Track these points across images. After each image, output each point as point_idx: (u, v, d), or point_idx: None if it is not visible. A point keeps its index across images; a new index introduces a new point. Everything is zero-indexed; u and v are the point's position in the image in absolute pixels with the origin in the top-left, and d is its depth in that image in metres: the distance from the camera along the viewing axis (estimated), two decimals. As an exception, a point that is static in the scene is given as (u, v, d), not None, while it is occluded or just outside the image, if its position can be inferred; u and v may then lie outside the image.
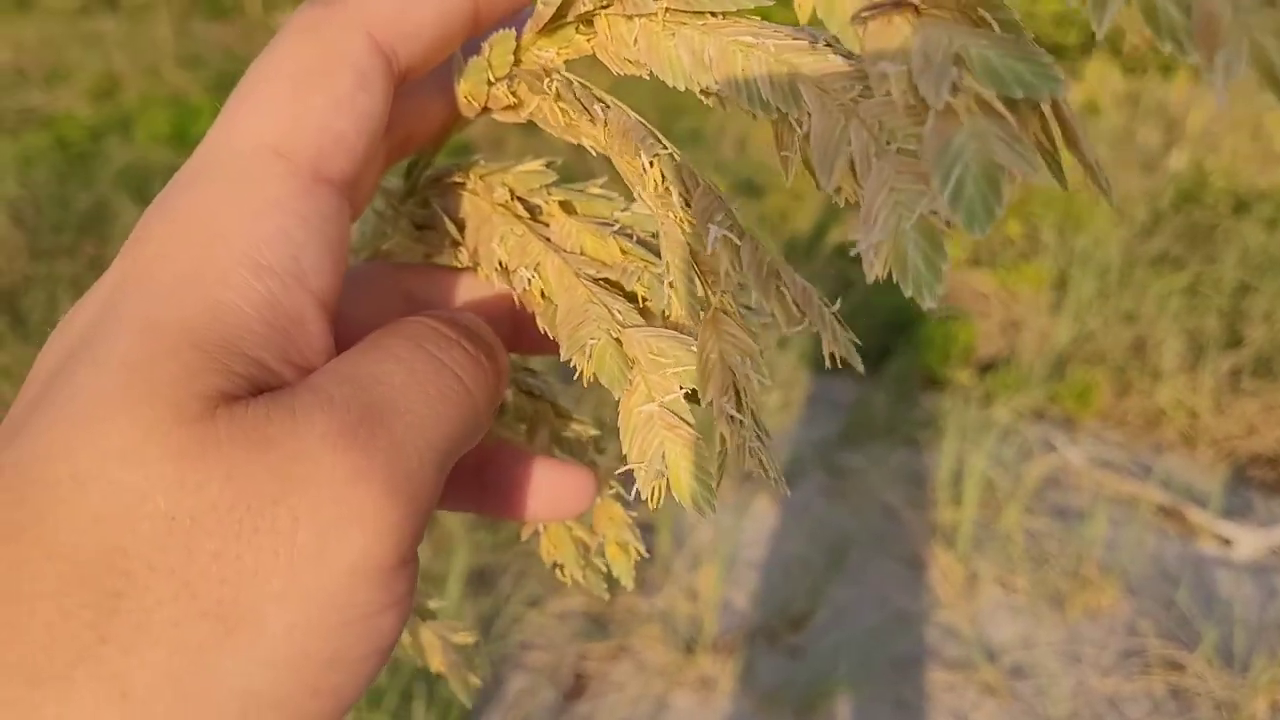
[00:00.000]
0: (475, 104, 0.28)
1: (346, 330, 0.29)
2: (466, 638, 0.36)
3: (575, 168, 0.29)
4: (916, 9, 0.18)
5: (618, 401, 0.26)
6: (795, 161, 0.24)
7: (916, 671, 1.77)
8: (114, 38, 4.76)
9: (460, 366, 0.24)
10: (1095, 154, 0.19)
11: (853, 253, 0.21)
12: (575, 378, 0.27)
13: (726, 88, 0.23)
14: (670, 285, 0.25)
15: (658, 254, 0.27)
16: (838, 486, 2.18)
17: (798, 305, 0.25)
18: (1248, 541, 2.04)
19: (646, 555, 0.34)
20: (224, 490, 0.19)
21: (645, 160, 0.25)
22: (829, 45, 0.23)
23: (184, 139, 3.55)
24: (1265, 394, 2.45)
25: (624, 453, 0.25)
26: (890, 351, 2.56)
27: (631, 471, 0.26)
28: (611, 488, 0.33)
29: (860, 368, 0.26)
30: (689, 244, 0.25)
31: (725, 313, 0.25)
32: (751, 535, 1.99)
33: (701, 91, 0.24)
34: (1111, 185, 0.19)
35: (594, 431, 0.33)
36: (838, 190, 0.21)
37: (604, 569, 0.34)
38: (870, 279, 0.19)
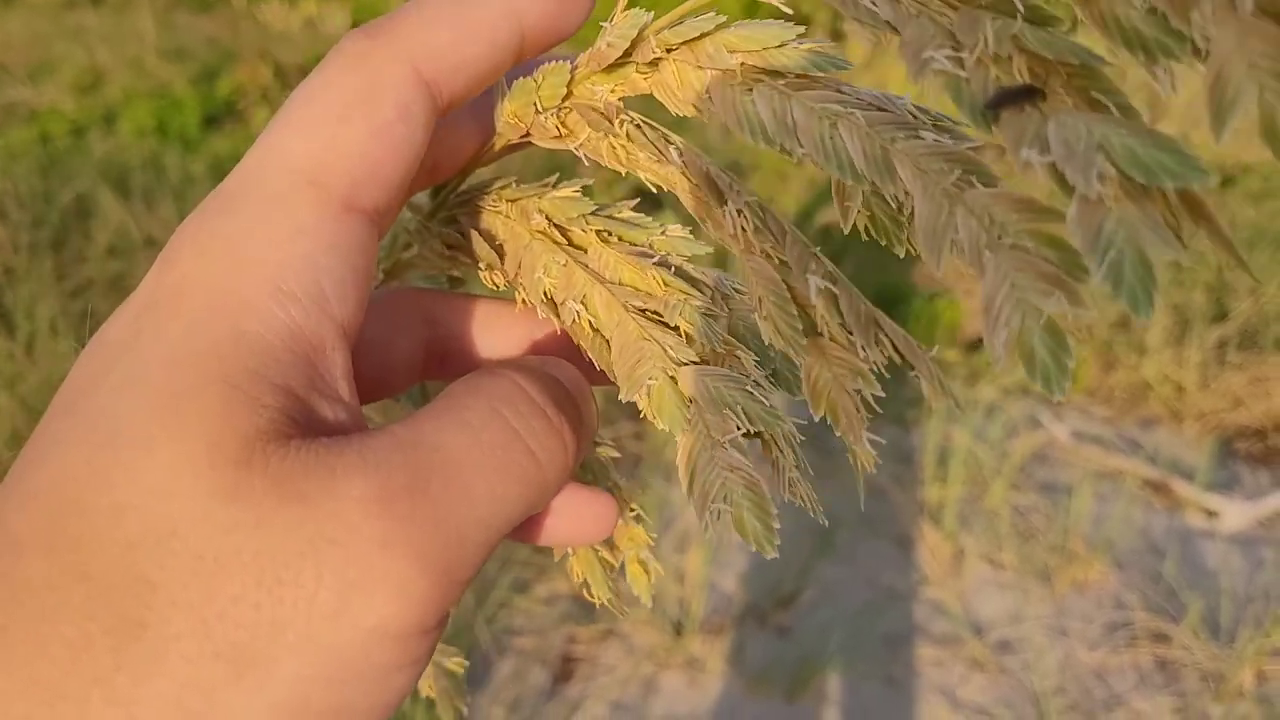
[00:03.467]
0: (520, 125, 0.28)
1: (366, 352, 0.30)
2: (458, 664, 0.36)
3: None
4: (1045, 95, 0.19)
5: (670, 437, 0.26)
6: (855, 212, 0.24)
7: (905, 648, 1.78)
8: (97, 31, 4.73)
9: (536, 439, 0.24)
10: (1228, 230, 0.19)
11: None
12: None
13: (814, 154, 0.23)
14: (764, 318, 0.25)
15: (696, 284, 0.28)
16: (825, 466, 2.18)
17: (899, 351, 0.25)
18: (1234, 514, 2.04)
19: (660, 573, 0.35)
20: (250, 537, 0.19)
21: (733, 209, 0.25)
22: (911, 115, 0.23)
23: (168, 132, 3.53)
24: (1251, 367, 2.46)
25: (684, 491, 0.26)
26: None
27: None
28: (633, 510, 0.33)
29: (959, 407, 0.27)
30: (783, 279, 0.25)
31: (832, 338, 0.26)
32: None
33: (780, 149, 0.24)
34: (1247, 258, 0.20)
35: (615, 454, 0.33)
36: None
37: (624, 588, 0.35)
38: (998, 369, 0.20)
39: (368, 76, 0.23)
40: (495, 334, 0.31)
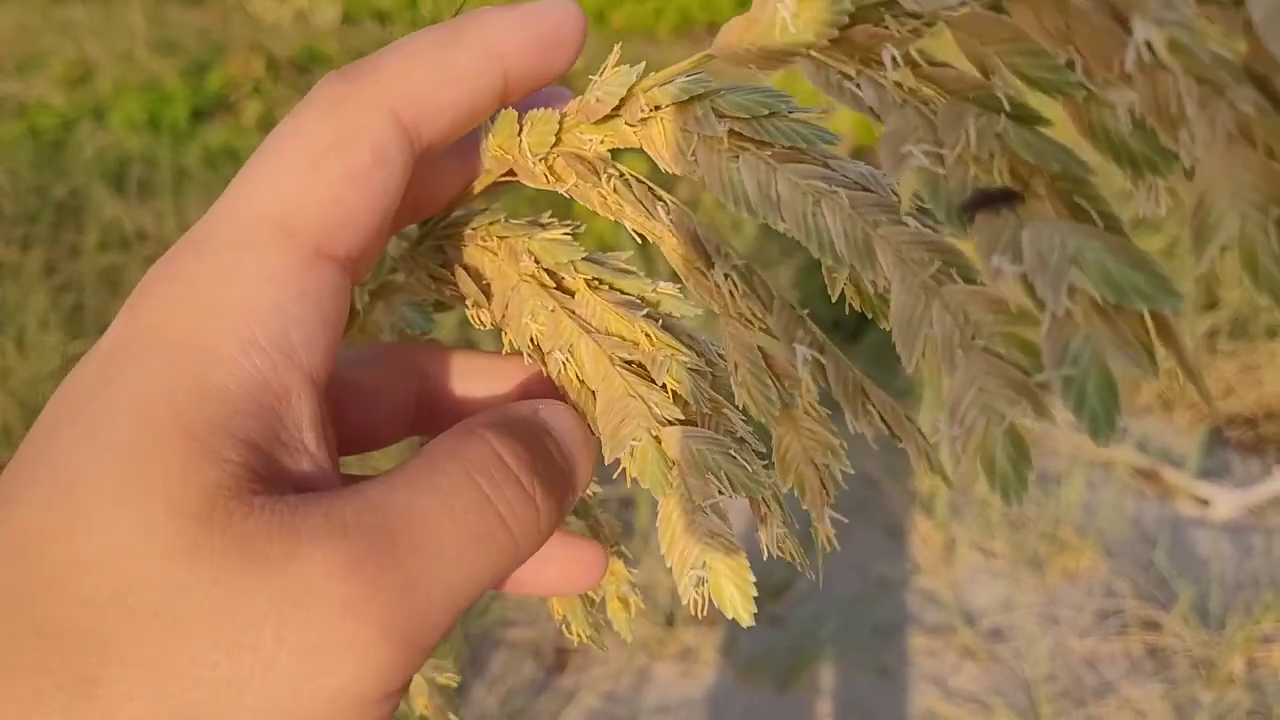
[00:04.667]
0: (505, 159, 0.27)
1: (356, 400, 0.29)
2: (451, 679, 0.36)
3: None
4: (1023, 199, 0.18)
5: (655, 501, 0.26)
6: (842, 283, 0.24)
7: (897, 637, 1.78)
8: (86, 24, 4.71)
9: (508, 506, 0.23)
10: (1195, 358, 0.19)
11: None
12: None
13: (795, 230, 0.23)
14: (739, 385, 0.25)
15: (684, 340, 0.27)
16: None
17: (886, 423, 0.25)
18: (1225, 501, 2.05)
19: (641, 608, 0.34)
20: (209, 596, 0.19)
21: (719, 273, 0.25)
22: (897, 196, 0.22)
23: (158, 125, 3.52)
24: (1242, 355, 2.46)
25: (663, 554, 0.26)
26: (869, 322, 2.56)
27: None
28: (614, 546, 0.33)
29: (948, 482, 0.27)
30: (759, 347, 0.25)
31: (804, 410, 0.26)
32: (730, 506, 1.99)
33: (763, 220, 0.23)
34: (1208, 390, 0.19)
35: (597, 489, 0.33)
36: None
37: (604, 624, 0.34)
38: (952, 474, 0.20)
39: (343, 122, 0.23)
40: (487, 388, 0.31)
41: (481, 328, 0.30)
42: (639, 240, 0.28)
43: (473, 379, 0.31)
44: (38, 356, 2.07)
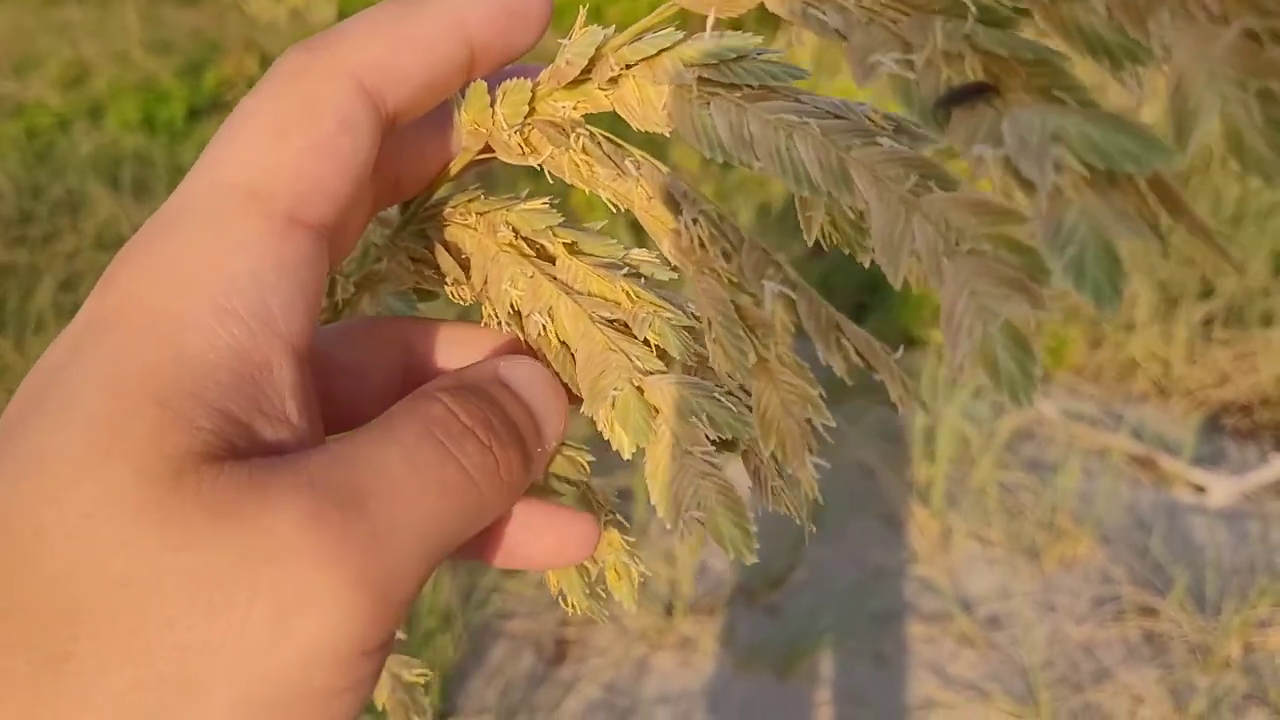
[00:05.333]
0: (481, 133, 0.27)
1: (344, 378, 0.29)
2: (419, 676, 0.35)
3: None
4: (999, 92, 0.18)
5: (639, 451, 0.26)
6: (819, 221, 0.24)
7: (895, 625, 1.79)
8: (82, 25, 4.71)
9: (469, 458, 0.23)
10: (1203, 218, 0.18)
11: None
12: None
13: (770, 166, 0.22)
14: (714, 341, 0.25)
15: (666, 297, 0.27)
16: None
17: (861, 355, 0.25)
18: (1221, 488, 2.06)
19: (647, 573, 0.34)
20: (179, 559, 0.19)
21: (688, 218, 0.25)
22: (870, 121, 0.22)
23: (154, 124, 3.52)
24: (1237, 343, 2.47)
25: (652, 502, 0.25)
26: (866, 311, 2.56)
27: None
28: (610, 514, 0.33)
29: (925, 409, 0.27)
30: (730, 299, 0.25)
31: (781, 361, 0.25)
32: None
33: (739, 163, 0.23)
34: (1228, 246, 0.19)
35: (589, 457, 0.32)
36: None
37: (604, 595, 0.34)
38: (962, 381, 0.19)
39: (306, 90, 0.23)
40: (473, 359, 0.30)
41: (461, 303, 0.30)
42: (615, 210, 0.28)
43: (458, 350, 0.31)
44: (36, 355, 2.07)
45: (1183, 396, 2.38)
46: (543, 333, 0.28)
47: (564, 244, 0.28)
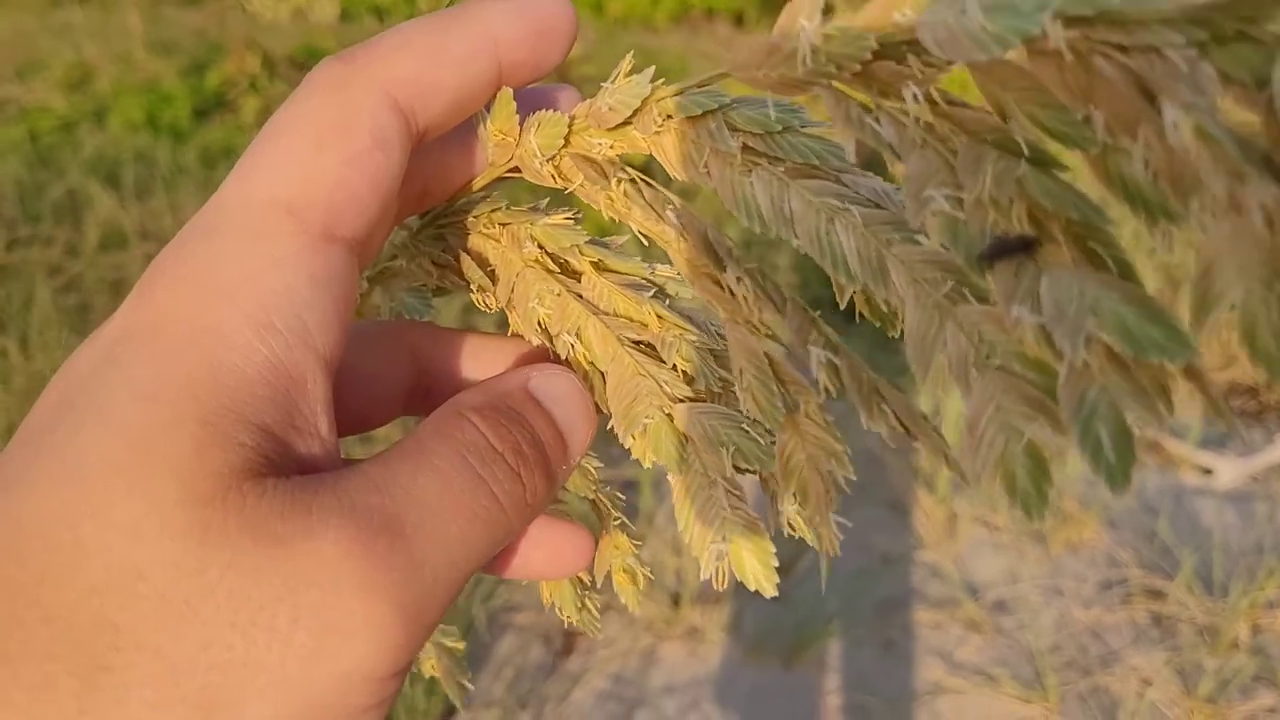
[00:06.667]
0: (507, 142, 0.27)
1: (349, 385, 0.29)
2: (458, 643, 0.36)
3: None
4: (1040, 243, 0.18)
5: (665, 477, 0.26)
6: (851, 293, 0.24)
7: (902, 612, 1.79)
8: (84, 27, 4.72)
9: (500, 485, 0.24)
10: (1219, 391, 0.19)
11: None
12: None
13: (809, 247, 0.23)
14: (744, 389, 0.25)
15: (690, 319, 0.27)
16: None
17: (902, 423, 0.25)
18: (1228, 470, 2.05)
19: (652, 577, 0.34)
20: (223, 578, 0.19)
21: (733, 276, 0.25)
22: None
23: (158, 125, 3.53)
24: (1243, 324, 2.46)
25: (680, 531, 0.26)
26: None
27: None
28: (616, 518, 0.33)
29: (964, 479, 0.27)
30: (765, 353, 0.25)
31: (807, 415, 0.25)
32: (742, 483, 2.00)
33: (777, 236, 0.23)
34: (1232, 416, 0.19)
35: (598, 463, 0.32)
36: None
37: (596, 611, 0.34)
38: (975, 487, 0.20)
39: (343, 104, 0.23)
40: (480, 369, 0.31)
41: (488, 311, 0.30)
42: (644, 243, 0.28)
43: (465, 359, 0.31)
44: (41, 356, 2.09)
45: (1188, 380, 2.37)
46: (571, 351, 0.28)
47: (590, 262, 0.28)
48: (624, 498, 0.33)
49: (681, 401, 0.26)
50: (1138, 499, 2.03)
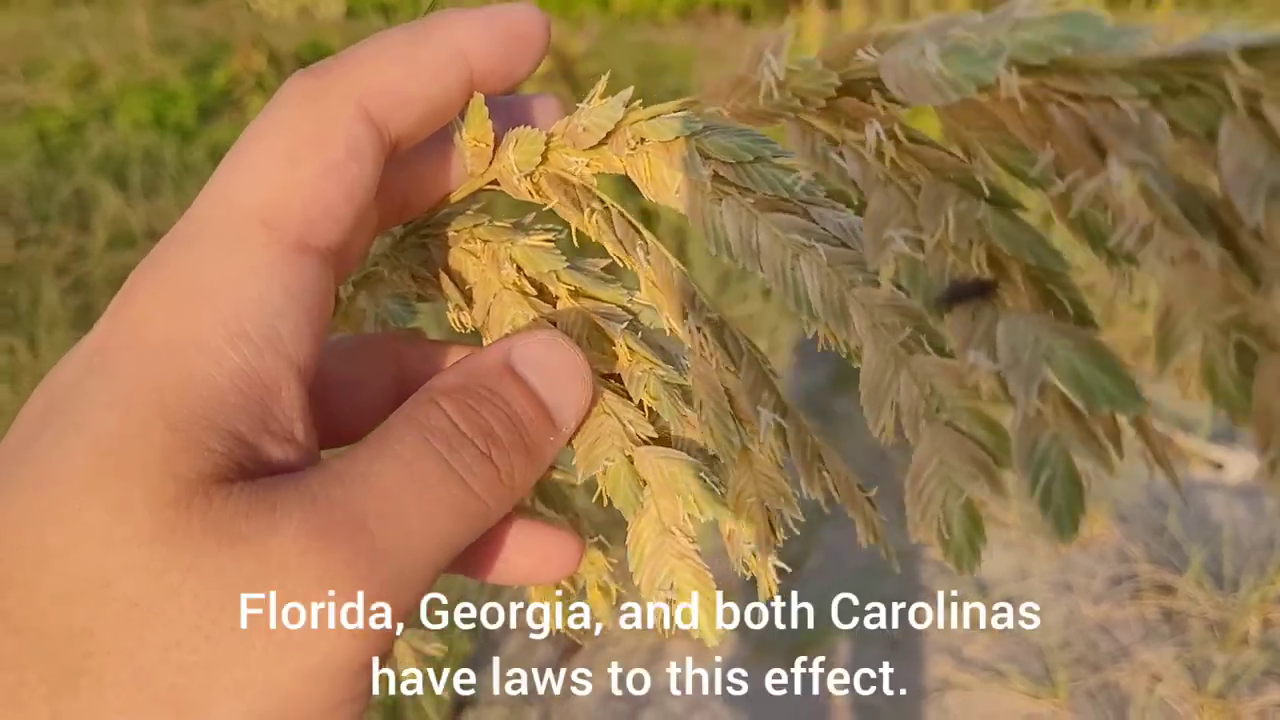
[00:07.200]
0: (483, 149, 0.27)
1: (336, 394, 0.30)
2: (438, 649, 0.36)
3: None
4: (997, 288, 0.19)
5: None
6: (814, 328, 0.24)
7: (910, 608, 1.78)
8: (90, 27, 4.73)
9: (469, 470, 0.24)
10: (1163, 440, 0.19)
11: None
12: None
13: (773, 282, 0.23)
14: (704, 423, 0.25)
15: (663, 352, 0.28)
16: (828, 430, 2.18)
17: (836, 490, 0.26)
18: (1238, 464, 2.04)
19: (622, 594, 0.34)
20: (187, 579, 0.19)
21: (693, 324, 0.25)
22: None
23: (164, 124, 3.54)
24: (1253, 317, 2.45)
25: (630, 571, 0.26)
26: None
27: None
28: (593, 536, 0.33)
29: (887, 552, 0.27)
30: (725, 389, 0.25)
31: (763, 454, 0.26)
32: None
33: (743, 267, 0.23)
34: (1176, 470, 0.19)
35: (575, 481, 0.32)
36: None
37: (582, 616, 0.34)
38: (912, 538, 0.21)
39: (317, 116, 0.23)
40: None
41: (463, 330, 0.30)
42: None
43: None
44: (49, 354, 2.09)
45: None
46: None
47: (567, 289, 0.28)
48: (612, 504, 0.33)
49: (645, 443, 0.26)
50: (1148, 494, 2.02)
